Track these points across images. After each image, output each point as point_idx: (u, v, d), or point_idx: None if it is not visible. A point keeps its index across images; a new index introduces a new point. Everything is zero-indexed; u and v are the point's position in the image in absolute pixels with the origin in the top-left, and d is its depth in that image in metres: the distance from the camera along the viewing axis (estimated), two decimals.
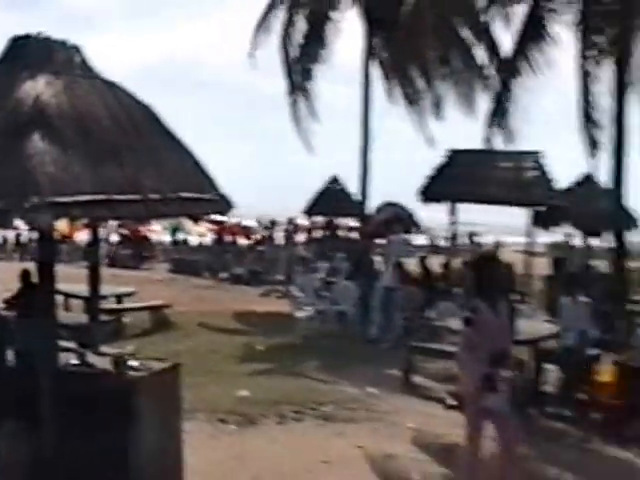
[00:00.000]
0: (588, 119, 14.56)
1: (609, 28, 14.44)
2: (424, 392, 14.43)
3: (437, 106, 24.43)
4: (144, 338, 17.19)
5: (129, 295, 19.52)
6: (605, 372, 12.39)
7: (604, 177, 15.94)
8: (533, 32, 15.08)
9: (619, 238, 15.50)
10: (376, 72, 24.55)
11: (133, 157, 6.99)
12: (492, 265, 9.08)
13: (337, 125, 29.30)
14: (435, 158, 23.86)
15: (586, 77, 14.54)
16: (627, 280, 16.54)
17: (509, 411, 8.46)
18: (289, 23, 24.07)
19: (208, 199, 7.65)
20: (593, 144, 14.40)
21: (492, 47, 21.15)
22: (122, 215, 7.96)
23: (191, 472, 8.47)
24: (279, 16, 24.10)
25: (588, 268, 23.71)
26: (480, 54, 21.90)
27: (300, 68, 24.38)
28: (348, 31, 24.70)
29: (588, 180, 23.46)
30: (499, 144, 15.69)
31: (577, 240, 26.83)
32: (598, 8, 14.40)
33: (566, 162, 19.48)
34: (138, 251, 37.32)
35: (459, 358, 9.01)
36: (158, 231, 41.98)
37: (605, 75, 14.67)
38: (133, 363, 8.06)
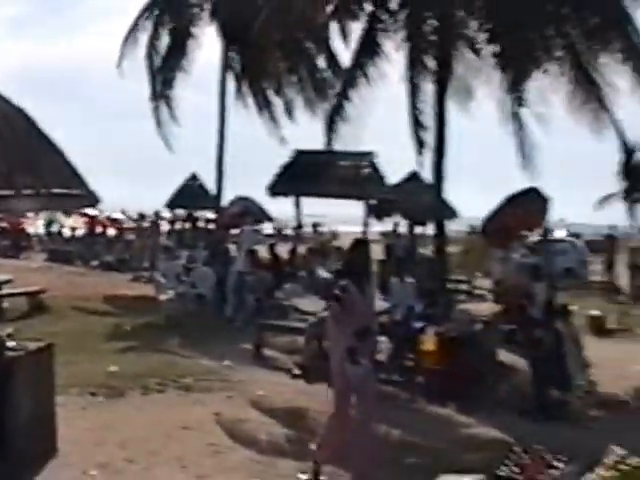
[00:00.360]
0: (416, 123, 15.08)
1: (432, 46, 15.02)
2: (273, 363, 14.71)
3: (288, 111, 24.93)
4: (22, 321, 16.77)
5: (7, 282, 19.11)
6: (428, 342, 12.77)
7: (428, 174, 16.53)
8: (368, 47, 15.51)
9: (440, 227, 16.12)
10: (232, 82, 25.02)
11: (7, 156, 6.99)
12: (362, 250, 9.00)
13: (202, 127, 29.38)
14: (285, 158, 24.46)
15: (413, 87, 15.08)
16: (447, 262, 17.25)
17: (368, 382, 8.46)
18: (154, 36, 24.18)
19: (77, 194, 7.66)
20: (420, 144, 14.94)
21: (333, 59, 21.73)
22: None
23: (64, 440, 8.50)
24: (146, 29, 24.18)
25: (414, 253, 24.62)
26: (323, 65, 22.55)
27: (162, 77, 24.49)
28: (208, 44, 24.99)
29: (414, 177, 24.26)
30: (338, 145, 16.08)
31: (405, 229, 27.65)
32: (423, 28, 14.94)
33: (397, 161, 20.16)
34: (16, 242, 36.64)
35: (328, 332, 8.97)
36: (35, 223, 41.37)
37: (429, 86, 15.25)
38: (11, 344, 8.05)
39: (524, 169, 15.43)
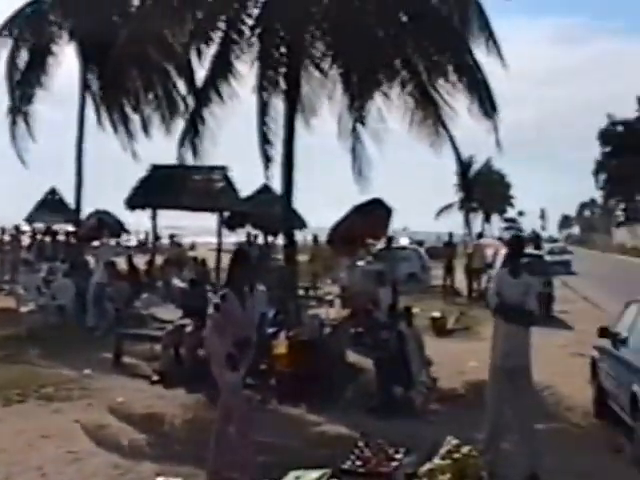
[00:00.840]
0: (263, 139, 15.22)
1: (281, 66, 15.18)
2: (132, 371, 14.58)
3: (144, 127, 24.73)
4: None
5: None
6: (280, 346, 12.99)
7: (278, 186, 16.70)
8: (221, 67, 15.53)
9: (289, 236, 16.30)
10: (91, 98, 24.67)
11: None
12: (244, 261, 8.88)
13: (61, 142, 28.87)
14: (143, 172, 24.26)
15: (262, 105, 15.21)
16: (297, 270, 17.45)
17: (241, 390, 8.52)
18: (14, 52, 23.71)
19: None
20: (267, 159, 15.09)
21: (189, 77, 21.64)
22: None
23: None
24: (7, 45, 23.66)
25: (266, 262, 24.79)
26: (180, 83, 22.49)
27: (21, 92, 23.91)
28: (68, 61, 24.59)
29: (266, 189, 24.51)
30: (191, 160, 16.06)
31: (259, 239, 27.81)
32: (273, 52, 15.09)
33: (250, 175, 20.26)
34: None
35: (207, 340, 8.83)
36: None
37: (279, 104, 15.43)
38: None
39: (357, 183, 15.78)
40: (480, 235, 43.27)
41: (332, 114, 16.13)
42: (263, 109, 15.27)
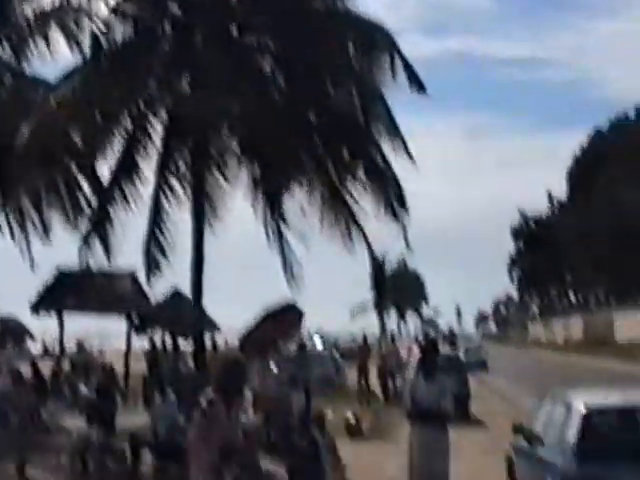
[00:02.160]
0: (149, 245, 15.21)
1: (186, 171, 15.36)
2: None
3: (45, 229, 24.25)
4: None
5: None
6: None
7: (189, 291, 16.68)
8: (126, 169, 15.61)
9: (199, 340, 16.24)
10: None
11: None
12: (238, 370, 8.08)
13: None
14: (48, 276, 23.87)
15: (156, 210, 15.26)
16: (208, 375, 17.29)
17: None
18: None
19: None
20: (150, 265, 15.11)
21: (94, 178, 21.55)
22: None
23: None
24: None
25: (177, 367, 24.44)
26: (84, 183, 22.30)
27: None
28: None
29: (177, 293, 24.36)
30: (95, 262, 15.93)
31: (169, 343, 27.42)
32: (176, 155, 15.28)
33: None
34: None
35: (191, 449, 8.00)
36: None
37: (185, 207, 15.55)
38: None
39: (289, 283, 15.96)
40: (392, 337, 43.69)
41: (252, 218, 16.31)
42: (155, 215, 15.29)
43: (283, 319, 15.77)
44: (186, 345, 26.21)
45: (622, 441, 10.55)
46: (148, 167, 15.69)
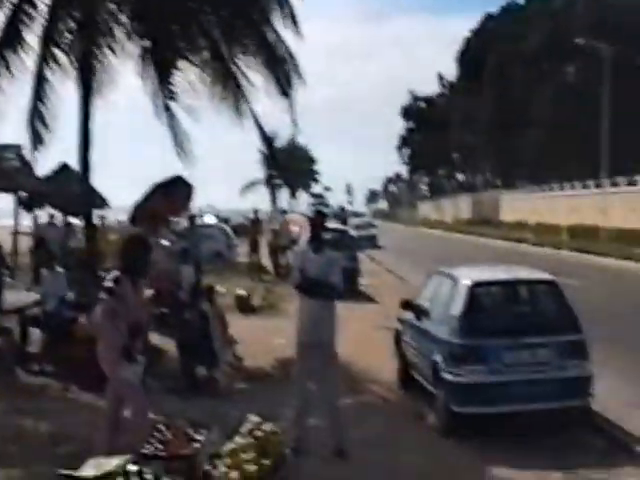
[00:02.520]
0: (33, 117, 14.63)
1: (74, 44, 14.69)
2: None
3: None
4: None
5: None
6: (80, 330, 12.67)
7: (77, 165, 16.19)
8: (10, 37, 14.82)
9: (88, 217, 15.90)
10: None
11: None
12: (139, 246, 8.34)
13: None
14: None
15: (39, 82, 14.61)
16: (98, 251, 17.05)
17: (139, 383, 7.95)
18: None
19: None
20: (39, 139, 14.57)
21: None
22: None
23: None
24: None
25: (66, 243, 24.04)
26: None
27: None
28: None
29: (65, 168, 23.69)
30: None
31: (59, 219, 26.88)
32: (62, 26, 14.58)
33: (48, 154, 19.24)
34: None
35: (99, 327, 8.19)
36: None
37: (71, 80, 14.92)
38: None
39: (180, 158, 15.71)
40: (284, 211, 43.75)
41: (142, 91, 15.83)
42: (38, 87, 14.67)
43: (173, 193, 15.53)
44: (76, 221, 25.75)
45: (505, 314, 10.97)
46: (33, 39, 14.92)
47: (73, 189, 19.60)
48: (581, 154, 67.11)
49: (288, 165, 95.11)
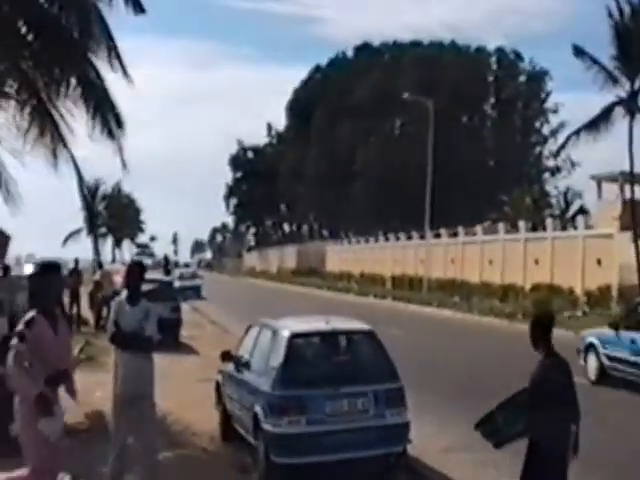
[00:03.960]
0: None
1: None
2: None
3: None
4: None
5: None
6: None
7: None
8: None
9: None
10: None
11: None
12: (53, 275, 7.39)
13: None
14: None
15: None
16: None
17: (58, 438, 7.11)
18: None
19: None
20: None
21: None
22: None
23: None
24: None
25: None
26: None
27: None
28: None
29: None
30: None
31: None
32: None
33: None
34: None
35: (11, 379, 7.19)
36: None
37: None
38: None
39: (7, 203, 15.32)
40: (100, 264, 43.14)
41: None
42: None
43: None
44: None
45: (324, 364, 11.18)
46: None
47: None
48: (406, 207, 69.48)
49: (113, 214, 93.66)
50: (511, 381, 8.36)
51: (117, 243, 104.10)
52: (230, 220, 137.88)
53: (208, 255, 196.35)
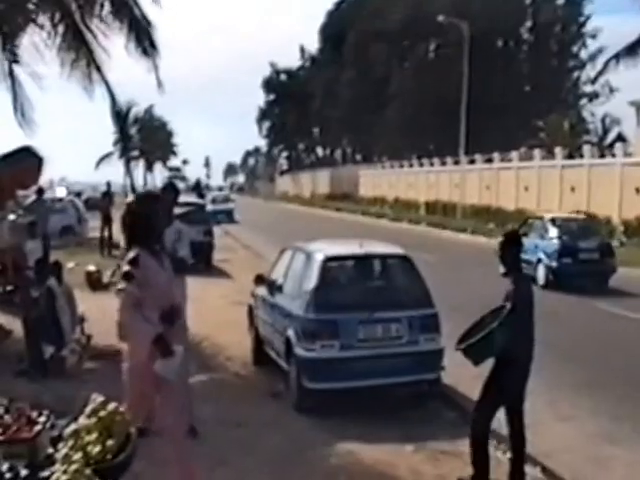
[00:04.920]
0: None
1: None
2: None
3: None
4: None
5: None
6: None
7: None
8: None
9: None
10: None
11: None
12: (152, 206, 6.86)
13: None
14: None
15: None
16: None
17: (177, 377, 6.58)
18: None
19: None
20: None
21: None
22: None
23: None
24: None
25: None
26: None
27: None
28: None
29: None
30: None
31: None
32: None
33: None
34: None
35: (124, 322, 6.75)
36: None
37: None
38: None
39: (22, 126, 15.19)
40: (133, 187, 43.17)
41: None
42: None
43: (20, 165, 15.03)
44: None
45: (358, 289, 11.10)
46: None
47: None
48: (441, 131, 68.79)
49: (145, 137, 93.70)
50: None
51: (149, 167, 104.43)
52: (263, 143, 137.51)
53: (240, 179, 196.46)
